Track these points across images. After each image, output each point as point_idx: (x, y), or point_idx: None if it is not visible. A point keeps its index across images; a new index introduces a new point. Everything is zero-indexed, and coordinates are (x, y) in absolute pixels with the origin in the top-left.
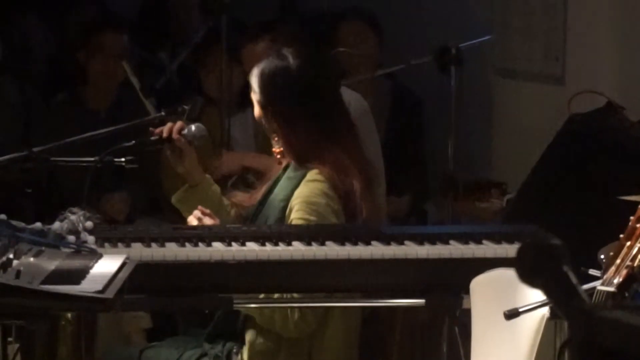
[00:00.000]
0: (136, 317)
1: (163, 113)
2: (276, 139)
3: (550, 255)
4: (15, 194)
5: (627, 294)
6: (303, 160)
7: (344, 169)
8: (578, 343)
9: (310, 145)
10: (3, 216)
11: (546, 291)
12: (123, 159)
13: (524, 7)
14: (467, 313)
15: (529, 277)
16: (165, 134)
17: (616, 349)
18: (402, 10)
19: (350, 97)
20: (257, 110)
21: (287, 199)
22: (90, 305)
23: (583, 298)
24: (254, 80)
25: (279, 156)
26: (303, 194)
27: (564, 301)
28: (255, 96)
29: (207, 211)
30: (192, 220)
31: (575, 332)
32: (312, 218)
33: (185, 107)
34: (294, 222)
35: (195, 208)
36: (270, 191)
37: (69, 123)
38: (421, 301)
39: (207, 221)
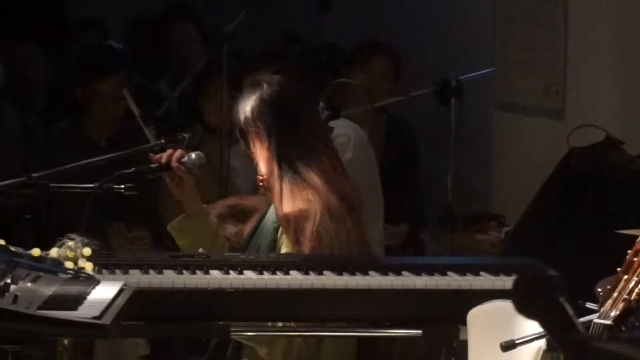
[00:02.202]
0: (134, 344)
1: (162, 141)
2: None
3: (547, 286)
4: (14, 219)
5: (623, 328)
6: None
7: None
8: None
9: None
10: (1, 242)
11: (542, 322)
12: (122, 186)
13: (525, 41)
14: (464, 344)
15: (525, 308)
16: (164, 161)
17: None
18: (402, 42)
19: (350, 128)
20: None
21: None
22: (87, 331)
23: (579, 329)
24: (246, 113)
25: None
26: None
27: (559, 332)
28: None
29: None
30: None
31: None
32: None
33: (185, 135)
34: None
35: (191, 237)
36: (260, 221)
37: (70, 151)
38: (418, 332)
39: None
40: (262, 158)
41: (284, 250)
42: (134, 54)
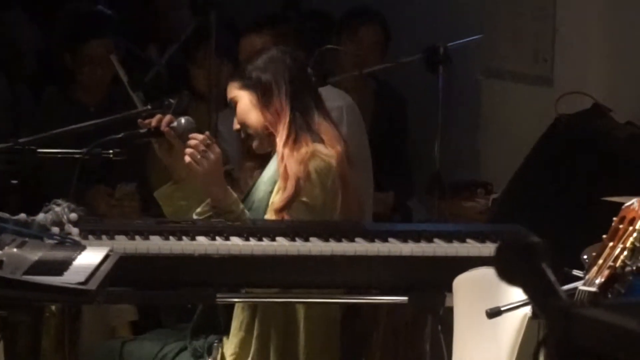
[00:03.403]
0: (122, 310)
1: (149, 107)
2: (265, 129)
3: (529, 253)
4: (0, 185)
5: (610, 295)
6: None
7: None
8: (555, 341)
9: (308, 123)
10: None
11: (525, 289)
12: (111, 151)
13: (513, 8)
14: (450, 311)
15: (508, 275)
16: (153, 125)
17: (593, 347)
18: (390, 9)
19: (337, 94)
20: (244, 105)
21: (273, 181)
22: (73, 296)
23: (561, 296)
24: (259, 64)
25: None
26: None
27: (541, 299)
28: (249, 85)
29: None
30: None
31: (552, 329)
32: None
33: (172, 101)
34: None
35: (178, 204)
36: (253, 184)
37: (58, 117)
38: (404, 299)
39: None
40: (269, 109)
41: (274, 197)
42: (123, 20)
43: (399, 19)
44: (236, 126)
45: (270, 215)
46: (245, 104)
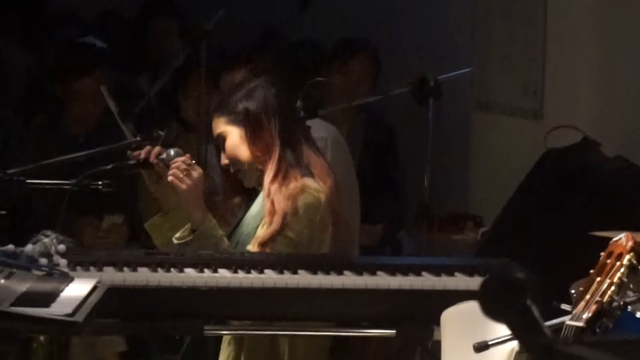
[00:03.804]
0: (111, 341)
1: (138, 138)
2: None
3: (513, 289)
4: None
5: (597, 330)
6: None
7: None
8: None
9: (298, 157)
10: None
11: (509, 325)
12: (100, 183)
13: (504, 40)
14: (438, 345)
15: (492, 310)
16: (142, 157)
17: None
18: (380, 40)
19: (326, 129)
20: (234, 140)
21: (261, 217)
22: (60, 328)
23: (545, 332)
24: (244, 96)
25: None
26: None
27: (525, 335)
28: (237, 120)
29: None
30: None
31: None
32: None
33: (161, 132)
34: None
35: (167, 235)
36: (242, 216)
37: (47, 146)
38: (392, 332)
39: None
40: (258, 144)
41: (259, 231)
42: (113, 49)
43: (389, 50)
44: (224, 161)
45: (252, 248)
46: (235, 138)
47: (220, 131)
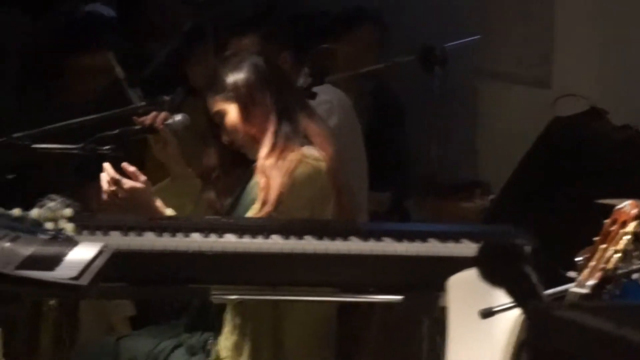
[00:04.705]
0: (120, 306)
1: (144, 103)
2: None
3: (510, 254)
4: None
5: (603, 297)
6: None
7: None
8: (534, 343)
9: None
10: None
11: (507, 291)
12: (106, 147)
13: (511, 8)
14: (445, 311)
15: (490, 276)
16: (148, 122)
17: (570, 349)
18: (387, 8)
19: (333, 93)
20: (231, 117)
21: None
22: (64, 291)
23: (541, 298)
24: (238, 77)
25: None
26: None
27: (523, 301)
28: (230, 96)
29: (131, 169)
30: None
31: (531, 331)
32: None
33: (167, 97)
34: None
35: (174, 200)
36: (242, 189)
37: (53, 113)
38: (399, 298)
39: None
40: (252, 119)
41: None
42: (121, 15)
43: (395, 19)
44: (225, 139)
45: None
46: (234, 116)
47: (216, 110)
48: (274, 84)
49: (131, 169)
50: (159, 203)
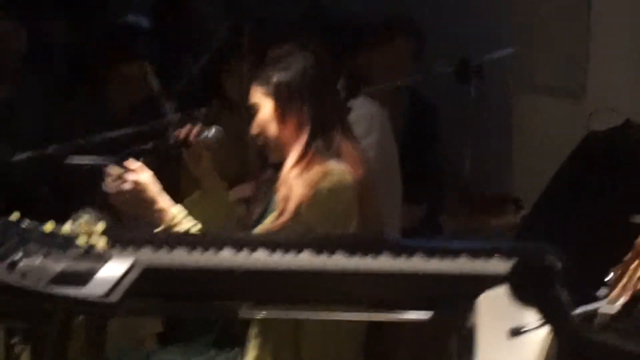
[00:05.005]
0: (149, 322)
1: (178, 116)
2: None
3: (542, 275)
4: (30, 191)
5: (633, 315)
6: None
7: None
8: None
9: (328, 143)
10: (17, 214)
11: (537, 310)
12: (140, 161)
13: (547, 21)
14: (474, 328)
15: (521, 296)
16: (182, 136)
17: None
18: (423, 21)
19: (372, 107)
20: (266, 113)
21: None
22: (94, 309)
23: (572, 319)
24: (282, 76)
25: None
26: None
27: (553, 321)
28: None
29: (135, 165)
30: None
31: (561, 353)
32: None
33: (202, 110)
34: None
35: (206, 212)
36: (268, 203)
37: (88, 125)
38: (428, 315)
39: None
40: (287, 122)
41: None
42: (157, 27)
43: (431, 31)
44: (254, 131)
45: None
46: (268, 113)
47: (255, 101)
48: (318, 92)
49: (135, 165)
50: (164, 199)
